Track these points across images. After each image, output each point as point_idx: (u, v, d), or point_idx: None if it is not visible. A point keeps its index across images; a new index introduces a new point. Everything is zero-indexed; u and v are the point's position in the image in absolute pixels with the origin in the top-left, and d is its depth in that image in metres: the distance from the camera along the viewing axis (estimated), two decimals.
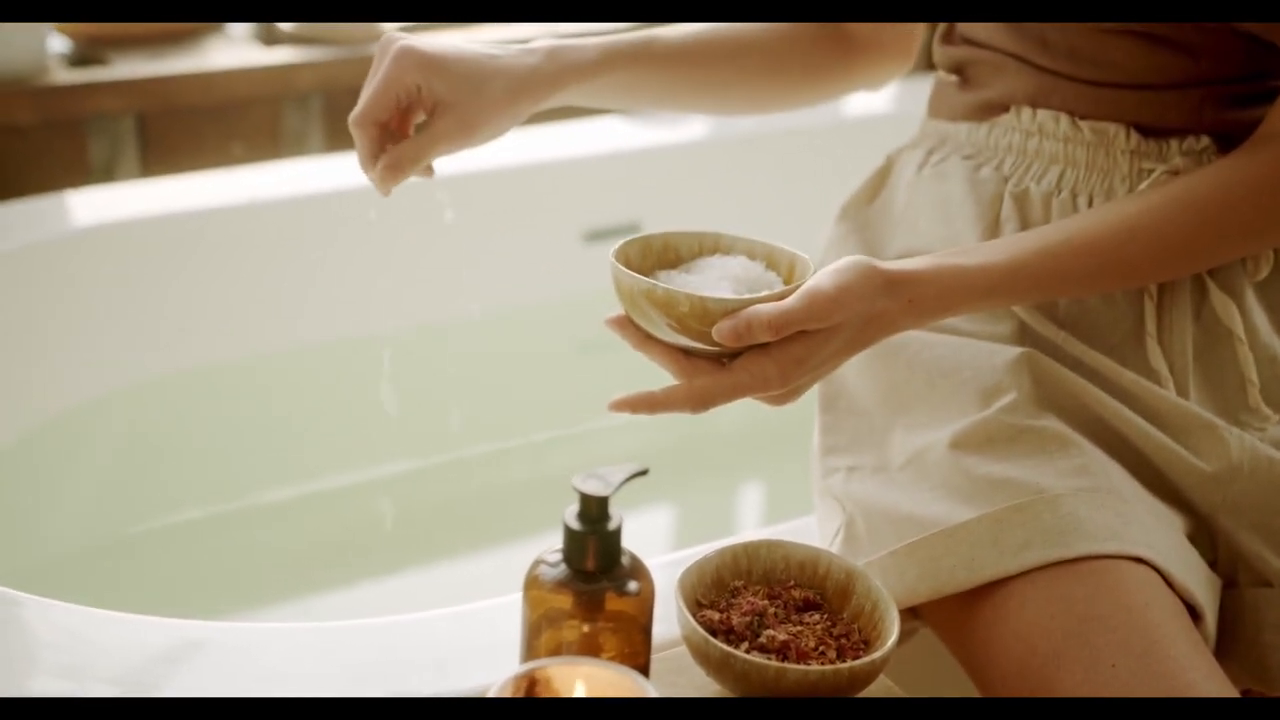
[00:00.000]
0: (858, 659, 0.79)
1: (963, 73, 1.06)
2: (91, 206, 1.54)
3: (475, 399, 1.72)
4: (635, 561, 0.76)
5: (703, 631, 0.79)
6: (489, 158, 1.71)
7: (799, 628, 0.81)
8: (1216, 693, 0.80)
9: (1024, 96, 1.00)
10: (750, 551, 0.86)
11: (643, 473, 0.74)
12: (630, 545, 0.76)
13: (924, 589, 0.88)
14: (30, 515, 1.44)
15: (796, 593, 0.85)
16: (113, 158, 1.66)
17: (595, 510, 0.73)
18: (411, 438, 1.65)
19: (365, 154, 0.94)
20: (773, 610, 0.82)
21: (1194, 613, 0.88)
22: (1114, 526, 0.86)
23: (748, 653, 0.78)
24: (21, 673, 0.86)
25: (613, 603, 0.74)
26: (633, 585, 0.74)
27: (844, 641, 0.81)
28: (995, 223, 1.00)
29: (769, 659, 0.78)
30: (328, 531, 1.54)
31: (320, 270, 1.65)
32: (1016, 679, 0.84)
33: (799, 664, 0.78)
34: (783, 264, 0.88)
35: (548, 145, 1.79)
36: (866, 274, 0.83)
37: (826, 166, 1.87)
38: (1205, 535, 0.94)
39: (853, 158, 1.44)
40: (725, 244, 0.89)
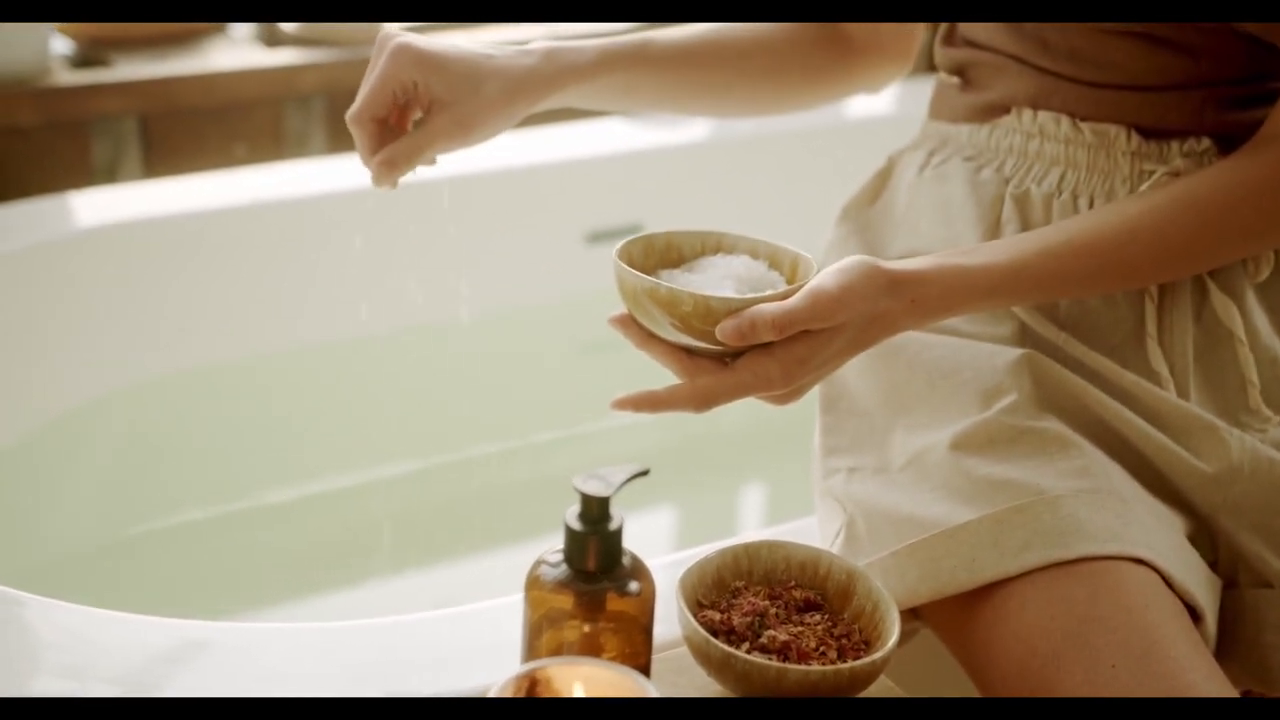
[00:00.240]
0: (858, 659, 0.79)
1: (964, 74, 1.06)
2: (94, 207, 1.54)
3: (477, 400, 1.72)
4: (636, 562, 0.76)
5: (704, 632, 0.79)
6: (491, 158, 1.71)
7: (800, 628, 0.81)
8: (1217, 693, 0.80)
9: (1025, 98, 1.00)
10: (751, 552, 0.86)
11: (644, 473, 0.74)
12: (631, 546, 0.77)
13: (924, 590, 0.88)
14: (32, 515, 1.44)
15: (797, 593, 0.85)
16: (115, 159, 1.66)
17: (596, 510, 0.73)
18: (412, 438, 1.65)
19: (365, 150, 0.95)
20: (774, 611, 0.82)
21: (1194, 614, 0.88)
22: (1114, 527, 0.86)
23: (749, 653, 0.78)
24: (24, 672, 0.86)
25: (614, 603, 0.74)
26: (634, 585, 0.74)
27: (845, 642, 0.81)
28: (996, 224, 1.00)
29: (770, 659, 0.78)
30: (329, 532, 1.54)
31: (322, 271, 1.65)
32: (1016, 680, 0.84)
33: (800, 664, 0.78)
34: (785, 263, 0.88)
35: (550, 146, 1.79)
36: (870, 274, 0.83)
37: (828, 168, 1.87)
38: (1206, 536, 0.94)
39: (854, 159, 1.44)
40: (728, 243, 0.89)
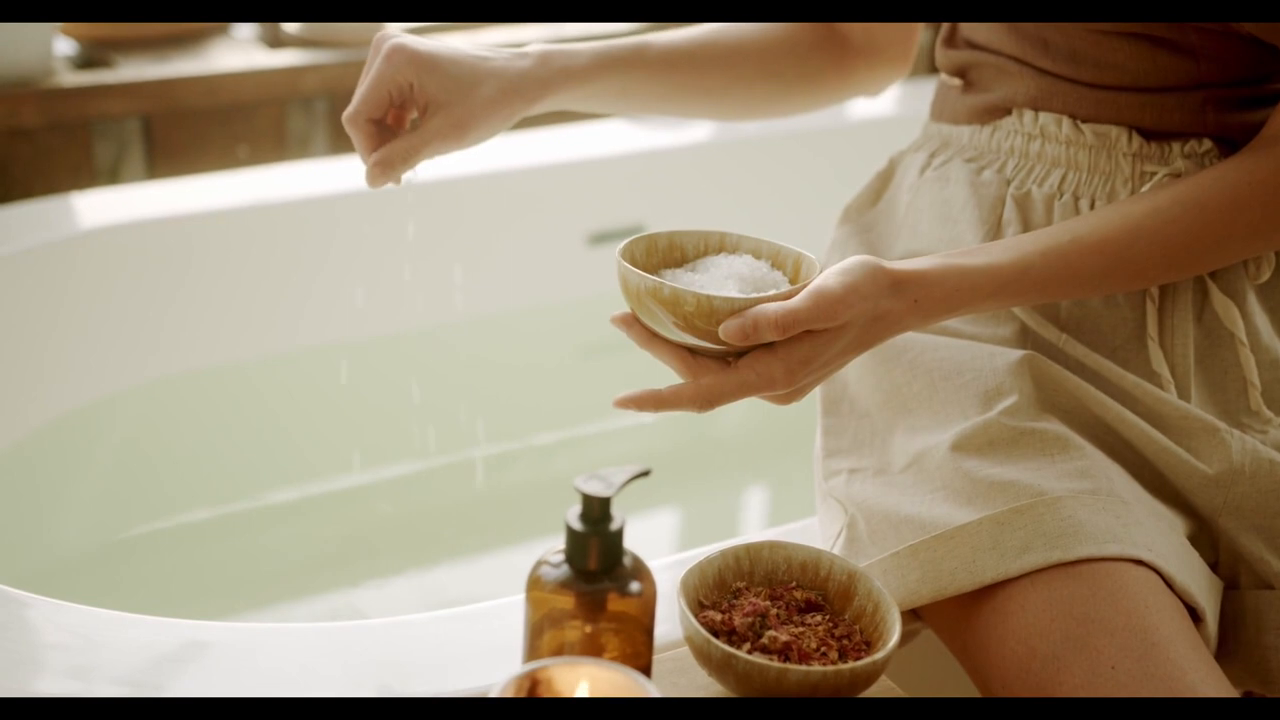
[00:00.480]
0: (859, 660, 0.79)
1: (965, 76, 1.06)
2: (97, 208, 1.54)
3: (479, 401, 1.72)
4: (637, 562, 0.76)
5: (705, 632, 0.79)
6: (493, 160, 1.72)
7: (801, 629, 0.81)
8: (1217, 694, 0.80)
9: (1026, 99, 1.00)
10: (752, 553, 0.86)
11: (645, 474, 0.75)
12: (633, 547, 0.77)
13: (925, 591, 0.88)
14: (35, 517, 1.45)
15: (798, 594, 0.85)
16: (118, 160, 1.66)
17: (597, 511, 0.73)
18: (414, 439, 1.65)
19: (363, 150, 0.95)
20: (774, 611, 0.82)
21: (1195, 615, 0.88)
22: (1114, 529, 0.86)
23: (749, 653, 0.78)
24: (29, 673, 0.86)
25: (615, 603, 0.74)
26: (635, 586, 0.75)
27: (845, 642, 0.81)
28: (997, 225, 1.00)
29: (771, 660, 0.78)
30: (331, 533, 1.55)
31: (324, 272, 1.65)
32: (1017, 680, 0.84)
33: (800, 665, 0.78)
34: (788, 263, 0.88)
35: (552, 147, 1.79)
36: (873, 274, 0.83)
37: (829, 169, 1.88)
38: (1206, 537, 0.94)
39: (856, 160, 1.45)
40: (731, 243, 0.90)
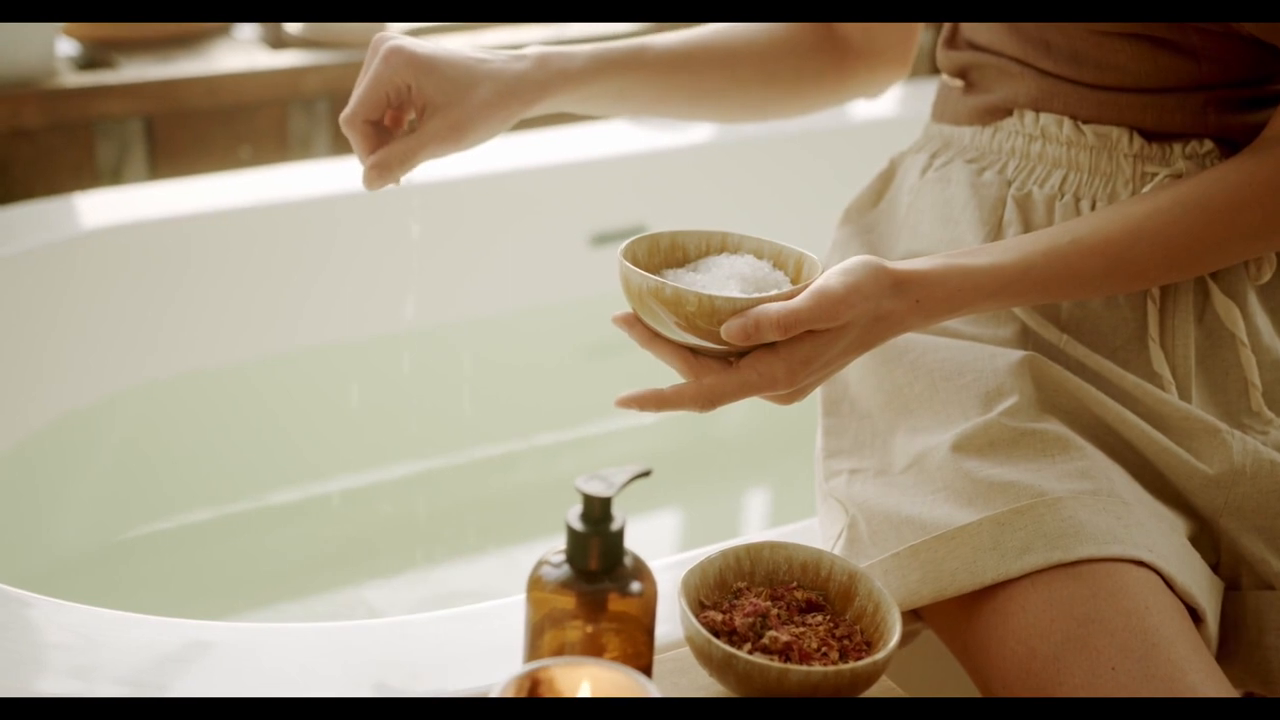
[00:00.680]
0: (860, 660, 0.79)
1: (966, 77, 1.06)
2: (99, 209, 1.54)
3: (481, 402, 1.72)
4: (638, 562, 0.76)
5: (705, 632, 0.79)
6: (495, 160, 1.72)
7: (801, 629, 0.81)
8: (1217, 694, 0.80)
9: (1027, 100, 1.00)
10: (753, 553, 0.86)
11: (646, 474, 0.75)
12: (635, 547, 0.77)
13: (926, 591, 0.88)
14: (35, 517, 1.45)
15: (799, 594, 0.85)
16: (120, 160, 1.66)
17: (598, 511, 0.73)
18: (416, 440, 1.65)
19: (360, 151, 0.95)
20: (775, 611, 0.82)
21: (1196, 616, 0.88)
22: (1115, 529, 0.86)
23: (750, 654, 0.78)
24: (30, 672, 0.86)
25: (615, 603, 0.74)
26: (635, 586, 0.75)
27: (846, 643, 0.81)
28: (998, 226, 1.00)
29: (771, 660, 0.78)
30: (332, 533, 1.55)
31: (327, 273, 1.65)
32: (1017, 680, 0.84)
33: (801, 665, 0.78)
34: (790, 263, 0.88)
35: (554, 148, 1.79)
36: (874, 274, 0.83)
37: (831, 170, 1.88)
38: (1207, 538, 0.94)
39: (857, 161, 1.45)
40: (733, 243, 0.90)
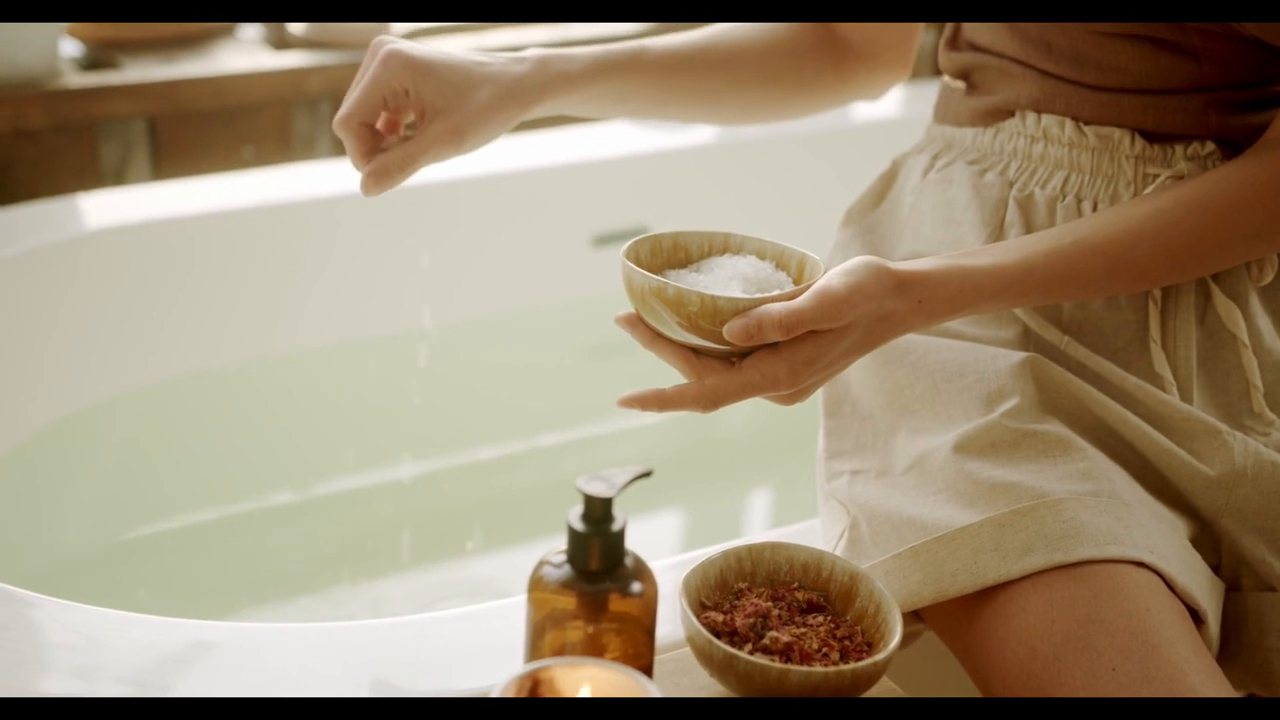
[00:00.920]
0: (860, 661, 0.79)
1: (968, 78, 1.06)
2: (102, 209, 1.54)
3: (483, 402, 1.72)
4: (639, 563, 0.76)
5: (706, 633, 0.79)
6: (497, 161, 1.72)
7: (802, 629, 0.81)
8: (1217, 695, 0.80)
9: (1028, 102, 1.01)
10: (754, 553, 0.86)
11: (647, 474, 0.75)
12: (636, 548, 0.77)
13: (927, 592, 0.88)
14: (37, 518, 1.45)
15: (800, 595, 0.85)
16: (124, 161, 1.66)
17: (599, 511, 0.73)
18: (418, 441, 1.65)
19: (354, 153, 0.95)
20: (776, 612, 0.82)
21: (1197, 617, 0.88)
22: (1116, 531, 0.86)
23: (751, 654, 0.78)
24: (33, 672, 0.86)
25: (616, 604, 0.74)
26: (636, 586, 0.75)
27: (847, 643, 0.81)
28: (1000, 227, 1.00)
29: (772, 660, 0.78)
30: (334, 534, 1.55)
31: (329, 273, 1.66)
32: (1018, 681, 0.84)
33: (802, 666, 0.78)
34: (792, 264, 0.88)
35: (557, 149, 1.79)
36: (877, 274, 0.83)
37: (833, 171, 1.88)
38: (1209, 539, 0.94)
39: (859, 162, 1.45)
40: (735, 244, 0.90)
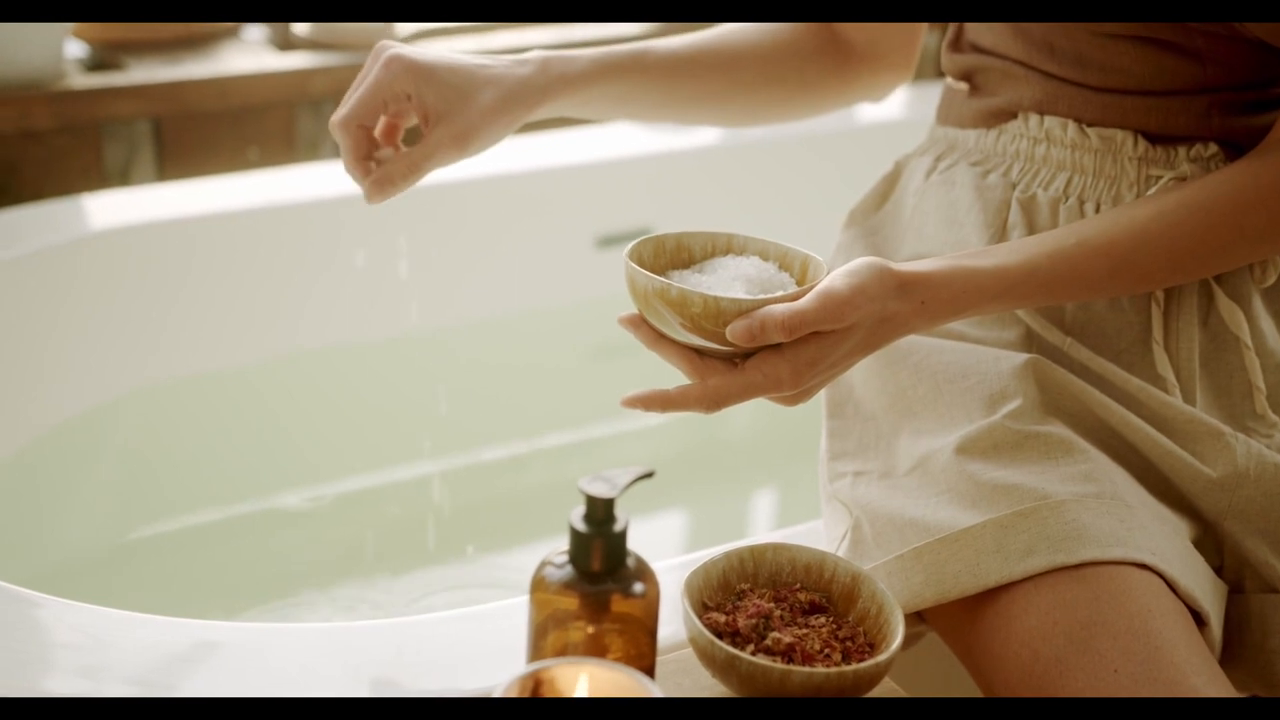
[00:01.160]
0: (863, 662, 0.79)
1: (971, 80, 1.06)
2: (107, 210, 1.55)
3: (486, 403, 1.72)
4: (641, 563, 0.76)
5: (709, 634, 0.79)
6: (501, 163, 1.72)
7: (805, 630, 0.82)
8: (1219, 697, 0.80)
9: (1031, 103, 1.01)
10: (756, 554, 0.86)
11: (649, 475, 0.75)
12: (639, 549, 0.77)
13: (929, 593, 0.88)
14: (40, 520, 1.45)
15: (802, 596, 0.85)
16: (128, 162, 1.67)
17: (601, 512, 0.73)
18: (421, 442, 1.65)
19: (349, 156, 0.95)
20: (778, 613, 0.82)
21: (1199, 619, 0.88)
22: (1118, 532, 0.86)
23: (753, 655, 0.79)
24: (38, 672, 0.87)
25: (618, 604, 0.74)
26: (638, 587, 0.75)
27: (849, 644, 0.81)
28: (1002, 229, 1.00)
29: (774, 661, 0.78)
30: (338, 535, 1.55)
31: (333, 274, 1.66)
32: (1020, 683, 0.84)
33: (804, 666, 0.78)
34: (795, 265, 0.88)
35: (560, 150, 1.79)
36: (880, 275, 0.83)
37: (836, 172, 1.88)
38: (1211, 541, 0.94)
39: (861, 164, 1.45)
40: (738, 244, 0.90)
